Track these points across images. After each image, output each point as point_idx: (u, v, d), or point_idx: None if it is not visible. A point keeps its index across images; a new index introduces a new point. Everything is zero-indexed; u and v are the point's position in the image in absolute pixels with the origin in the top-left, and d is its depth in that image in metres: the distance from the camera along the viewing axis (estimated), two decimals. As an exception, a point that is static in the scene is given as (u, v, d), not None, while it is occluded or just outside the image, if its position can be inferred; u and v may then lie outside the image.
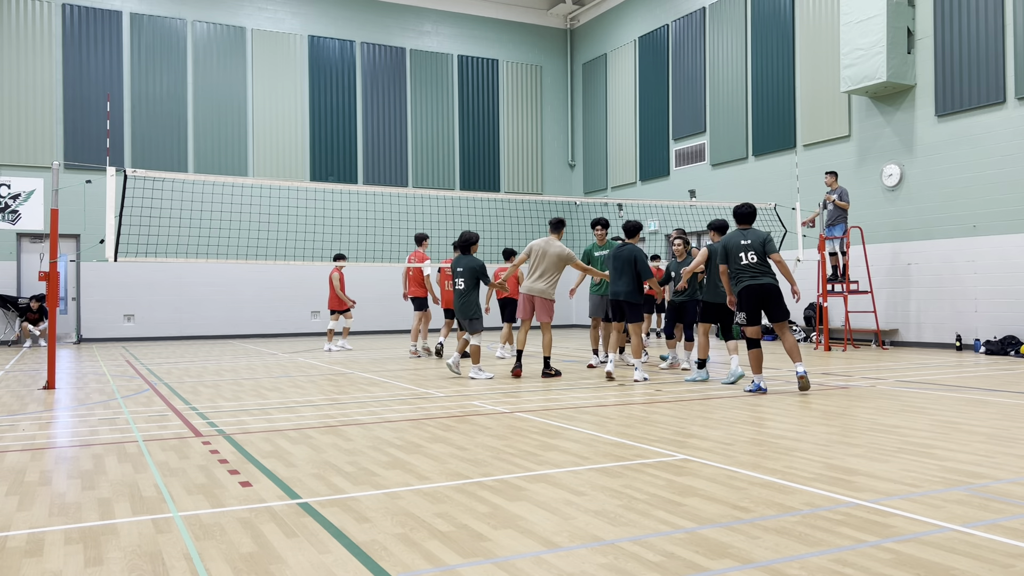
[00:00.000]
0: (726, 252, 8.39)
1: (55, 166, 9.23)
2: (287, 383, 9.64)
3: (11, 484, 4.54)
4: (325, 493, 4.25)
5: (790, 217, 15.34)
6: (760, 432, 5.96)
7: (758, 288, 8.17)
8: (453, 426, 6.37)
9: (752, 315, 8.20)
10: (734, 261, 8.32)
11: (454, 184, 22.59)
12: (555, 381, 9.52)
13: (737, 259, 8.29)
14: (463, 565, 3.12)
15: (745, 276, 8.23)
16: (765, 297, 8.18)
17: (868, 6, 14.19)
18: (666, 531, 3.51)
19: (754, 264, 8.20)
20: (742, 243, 8.31)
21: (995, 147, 13.16)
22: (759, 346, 8.22)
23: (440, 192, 14.18)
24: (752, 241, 8.27)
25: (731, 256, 8.36)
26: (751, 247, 8.25)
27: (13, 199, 18.16)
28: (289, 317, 20.50)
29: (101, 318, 18.86)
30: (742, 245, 8.30)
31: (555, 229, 10.42)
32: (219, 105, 20.11)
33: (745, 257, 8.23)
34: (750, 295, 8.19)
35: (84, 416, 7.10)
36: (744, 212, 8.48)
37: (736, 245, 8.35)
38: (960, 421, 6.33)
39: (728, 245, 8.40)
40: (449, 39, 22.88)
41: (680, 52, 20.25)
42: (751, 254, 8.23)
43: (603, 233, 11.32)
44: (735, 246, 8.35)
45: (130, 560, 3.22)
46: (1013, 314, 12.85)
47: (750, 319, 8.20)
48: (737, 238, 8.38)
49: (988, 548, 3.23)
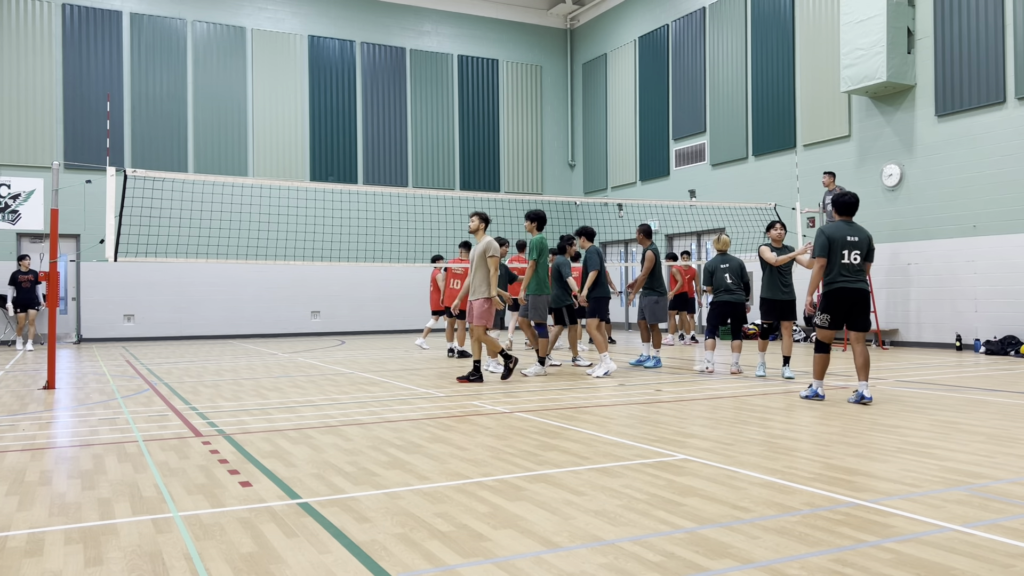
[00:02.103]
0: (829, 245, 7.35)
1: (55, 166, 9.23)
2: (287, 383, 9.64)
3: (11, 484, 4.54)
4: (325, 493, 4.25)
5: (790, 217, 15.34)
6: (760, 432, 5.96)
7: (854, 293, 7.33)
8: (453, 426, 6.37)
9: (837, 319, 7.40)
10: (835, 257, 7.34)
11: (454, 184, 22.59)
12: (550, 381, 9.52)
13: (839, 255, 7.33)
14: (463, 565, 3.12)
15: (842, 277, 7.33)
16: (858, 303, 7.36)
17: (868, 6, 14.19)
18: (666, 531, 3.51)
19: (856, 265, 7.35)
20: (849, 239, 7.34)
21: (995, 147, 13.16)
22: (829, 351, 7.60)
23: (440, 192, 14.16)
24: (860, 240, 7.38)
25: (834, 252, 7.35)
26: (858, 247, 7.35)
27: (13, 199, 18.17)
28: (289, 317, 20.49)
29: (101, 318, 18.85)
30: (849, 242, 7.33)
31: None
32: (219, 105, 20.11)
33: (849, 256, 7.32)
34: (843, 298, 7.33)
35: (84, 416, 7.10)
36: (849, 202, 7.49)
37: (843, 241, 7.34)
38: (960, 421, 6.33)
39: (834, 239, 7.35)
40: (449, 39, 22.88)
41: (680, 52, 20.25)
42: (855, 255, 7.34)
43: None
44: (841, 241, 7.34)
45: (130, 560, 3.22)
46: (1013, 314, 12.85)
47: (833, 322, 7.42)
48: (843, 232, 7.37)
49: (988, 548, 3.23)
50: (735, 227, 17.87)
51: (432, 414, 7.02)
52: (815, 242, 7.47)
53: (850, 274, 7.35)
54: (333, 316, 20.90)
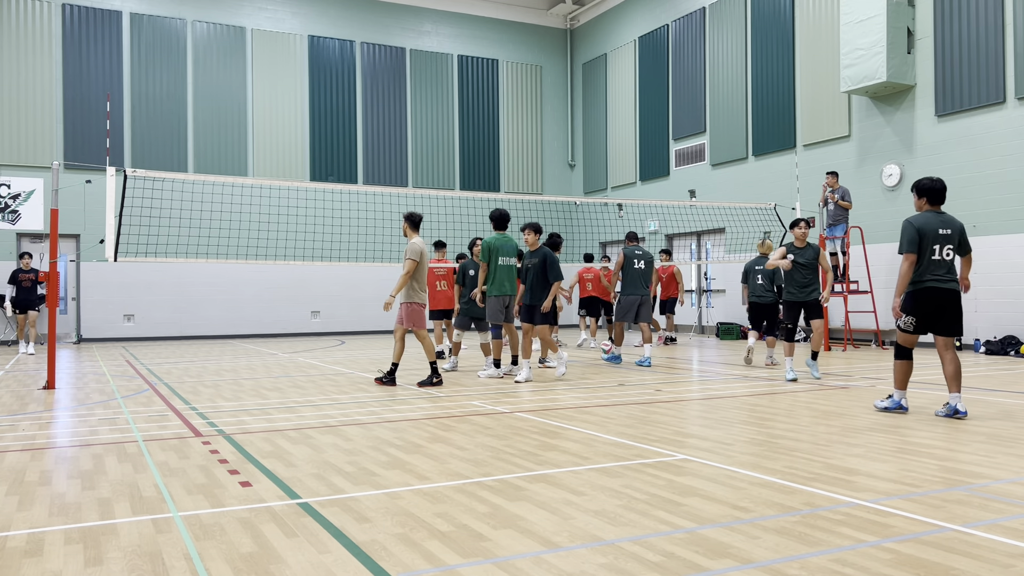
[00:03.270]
0: (919, 239, 6.43)
1: (55, 166, 9.23)
2: (287, 383, 9.64)
3: (11, 484, 4.54)
4: (325, 493, 4.25)
5: (790, 217, 15.33)
6: (760, 432, 5.96)
7: (944, 294, 6.44)
8: (453, 426, 6.37)
9: (923, 323, 6.54)
10: (925, 252, 6.43)
11: (454, 184, 22.58)
12: (548, 383, 9.52)
13: (931, 251, 6.43)
14: (463, 565, 3.11)
15: (931, 275, 6.45)
16: (948, 305, 6.48)
17: (868, 6, 14.19)
18: (666, 531, 3.51)
19: (948, 261, 6.49)
20: (941, 233, 6.45)
21: (995, 147, 13.16)
22: (911, 357, 6.71)
23: (440, 192, 14.16)
24: (952, 232, 6.50)
25: (924, 246, 6.44)
26: (950, 239, 6.48)
27: (13, 199, 18.17)
28: (289, 317, 20.49)
29: (101, 318, 18.85)
30: (940, 236, 6.45)
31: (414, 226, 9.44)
32: (219, 105, 20.11)
33: (940, 251, 6.44)
34: (932, 298, 6.45)
35: (84, 416, 7.10)
36: (937, 188, 6.60)
37: (934, 234, 6.44)
38: (960, 421, 6.33)
39: (924, 230, 6.44)
40: (449, 39, 22.88)
41: (680, 52, 20.25)
42: (948, 249, 6.47)
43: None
44: (932, 234, 6.44)
45: (130, 560, 3.22)
46: (1013, 314, 12.85)
47: (919, 326, 6.56)
48: (934, 224, 6.47)
49: (988, 548, 3.23)
50: (735, 227, 17.88)
51: (432, 414, 7.02)
52: (902, 235, 6.51)
53: (940, 272, 6.46)
54: (333, 316, 20.90)
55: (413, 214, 9.38)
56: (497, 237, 10.12)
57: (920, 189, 6.66)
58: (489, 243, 10.03)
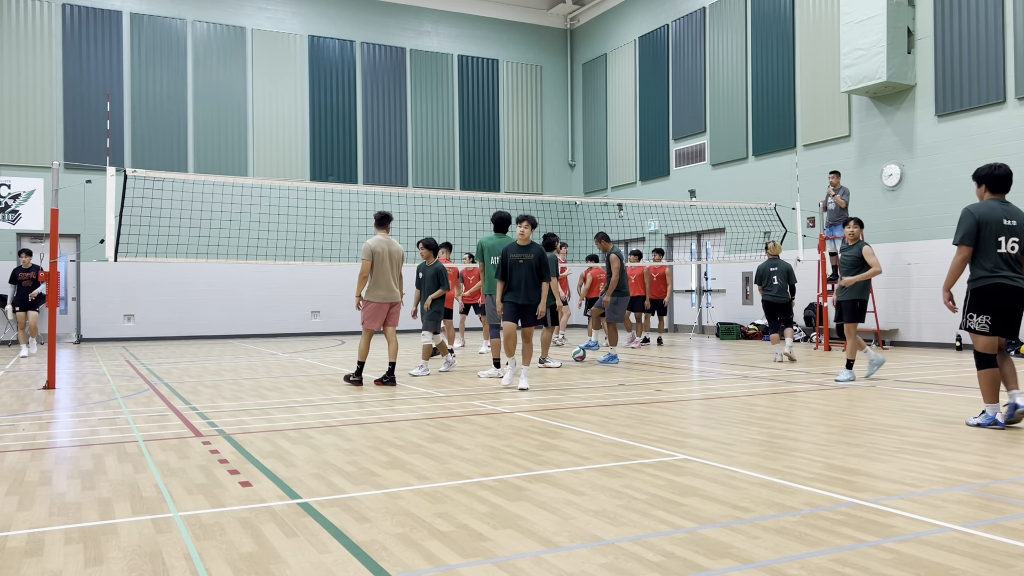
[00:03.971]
0: (978, 230, 5.91)
1: (55, 166, 9.22)
2: (287, 383, 9.64)
3: (11, 484, 4.54)
4: (325, 493, 4.25)
5: (790, 217, 15.34)
6: (760, 432, 5.96)
7: (1015, 292, 5.88)
8: (453, 426, 6.37)
9: (997, 322, 5.91)
10: (989, 245, 5.90)
11: (454, 184, 22.59)
12: (547, 381, 9.52)
13: (995, 243, 5.89)
14: (463, 565, 3.11)
15: (999, 270, 5.89)
16: (1017, 306, 5.92)
17: (868, 6, 14.19)
18: (666, 531, 3.51)
19: (1015, 256, 5.93)
20: (1005, 223, 5.90)
21: (995, 147, 13.15)
22: (996, 364, 5.97)
23: (440, 192, 14.15)
24: (1018, 224, 5.92)
25: (985, 237, 5.91)
26: (1016, 232, 5.91)
27: (13, 199, 18.17)
28: (289, 317, 20.49)
29: (101, 318, 18.86)
30: (1006, 227, 5.90)
31: (382, 224, 9.45)
32: (219, 105, 20.11)
33: (1006, 244, 5.89)
34: (1002, 296, 5.87)
35: (84, 416, 7.10)
36: (1003, 175, 6.02)
37: (998, 225, 5.90)
38: (960, 421, 6.33)
39: (985, 221, 5.90)
40: (449, 39, 22.89)
41: (680, 52, 20.25)
42: (1013, 241, 5.90)
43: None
44: (996, 225, 5.89)
45: (130, 560, 3.22)
46: (1013, 314, 12.84)
47: (994, 327, 5.91)
48: (998, 214, 5.92)
49: (988, 548, 3.23)
50: (735, 227, 17.88)
51: (432, 414, 7.02)
52: (960, 225, 5.97)
53: (1008, 268, 5.90)
54: (333, 316, 20.90)
55: (378, 212, 9.48)
56: (491, 237, 10.22)
57: (980, 177, 6.11)
58: (483, 243, 10.22)
